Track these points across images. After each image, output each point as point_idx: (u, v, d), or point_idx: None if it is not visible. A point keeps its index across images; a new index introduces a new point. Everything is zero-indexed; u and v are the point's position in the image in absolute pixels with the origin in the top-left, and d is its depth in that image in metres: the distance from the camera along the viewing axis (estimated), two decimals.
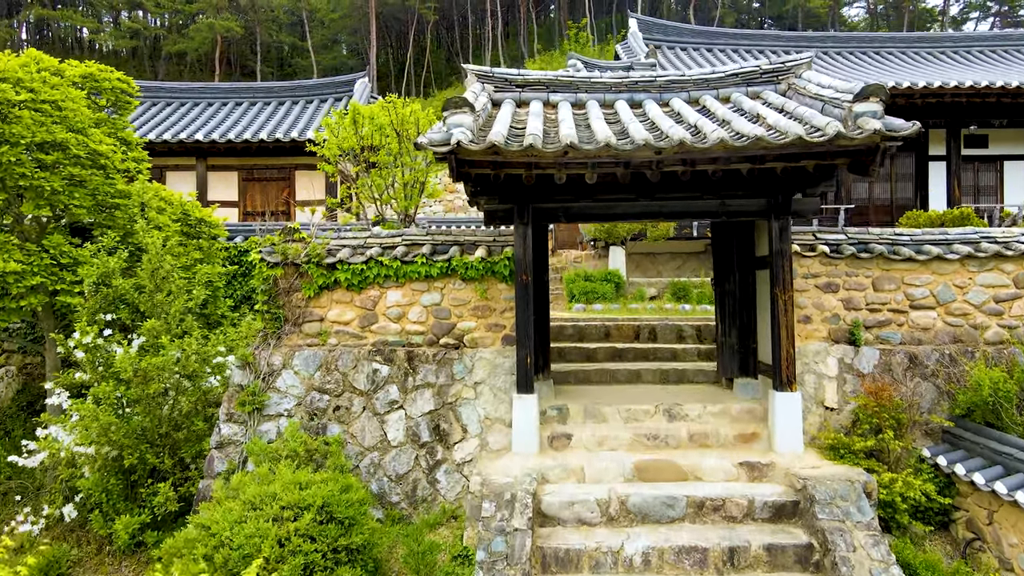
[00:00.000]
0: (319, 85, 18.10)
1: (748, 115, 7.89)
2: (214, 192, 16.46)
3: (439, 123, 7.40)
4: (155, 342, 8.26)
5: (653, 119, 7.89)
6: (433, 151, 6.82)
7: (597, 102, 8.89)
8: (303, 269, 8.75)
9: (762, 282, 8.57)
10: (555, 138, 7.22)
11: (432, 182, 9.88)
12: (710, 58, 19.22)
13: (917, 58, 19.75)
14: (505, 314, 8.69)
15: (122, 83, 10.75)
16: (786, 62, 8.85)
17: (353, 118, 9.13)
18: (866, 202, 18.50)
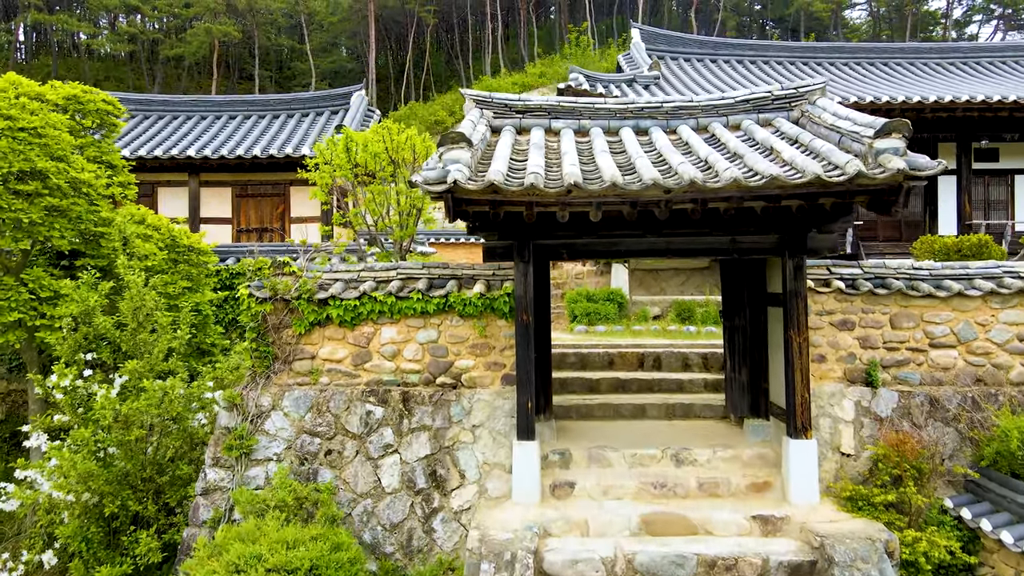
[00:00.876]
0: (315, 98, 17.70)
1: (760, 147, 7.50)
2: (207, 208, 16.07)
3: (434, 157, 7.01)
4: (137, 384, 7.87)
5: (660, 150, 7.50)
6: (428, 190, 6.43)
7: (601, 129, 8.50)
8: (293, 305, 8.36)
9: (774, 320, 8.17)
10: (558, 174, 6.83)
11: (429, 208, 9.49)
12: (714, 69, 18.82)
13: (926, 69, 19.34)
14: (505, 352, 8.30)
15: (107, 104, 10.36)
16: (799, 87, 8.46)
17: (346, 145, 8.74)
18: (874, 218, 18.09)
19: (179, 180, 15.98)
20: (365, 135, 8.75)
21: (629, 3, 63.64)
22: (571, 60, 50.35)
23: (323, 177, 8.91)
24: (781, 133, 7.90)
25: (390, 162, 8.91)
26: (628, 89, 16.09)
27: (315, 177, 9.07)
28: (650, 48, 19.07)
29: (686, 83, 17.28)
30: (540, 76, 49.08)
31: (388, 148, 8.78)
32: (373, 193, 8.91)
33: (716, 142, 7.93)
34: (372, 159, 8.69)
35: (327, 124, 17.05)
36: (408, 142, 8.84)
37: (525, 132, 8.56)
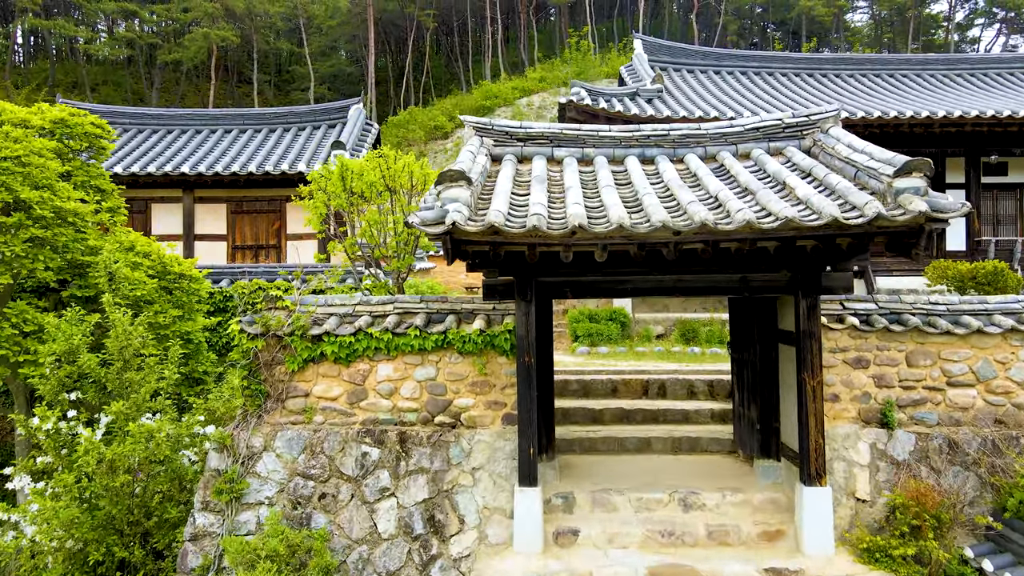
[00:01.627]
0: (312, 112, 17.39)
1: (772, 180, 7.19)
2: (202, 225, 15.77)
3: (431, 193, 6.71)
4: (123, 425, 7.56)
5: (668, 184, 7.20)
6: (426, 232, 6.13)
7: (606, 158, 8.20)
8: (286, 341, 8.04)
9: (786, 358, 7.87)
10: (561, 212, 6.53)
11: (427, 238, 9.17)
12: (718, 81, 18.51)
13: (932, 81, 19.04)
14: (506, 390, 7.99)
15: (96, 127, 10.04)
16: (811, 115, 8.15)
17: (341, 173, 8.43)
18: None
19: (173, 196, 15.67)
20: (360, 163, 8.44)
21: (630, 6, 63.33)
22: (572, 65, 50.07)
23: (317, 206, 8.60)
24: (793, 165, 7.60)
25: (386, 189, 8.61)
26: (631, 103, 15.78)
27: (309, 206, 8.77)
28: (652, 59, 18.76)
29: (689, 96, 16.98)
30: (540, 81, 48.76)
31: (385, 176, 8.48)
32: (369, 223, 8.60)
33: (725, 174, 7.63)
34: (368, 188, 8.38)
35: (324, 138, 16.75)
36: (405, 169, 8.53)
37: (527, 161, 8.26)
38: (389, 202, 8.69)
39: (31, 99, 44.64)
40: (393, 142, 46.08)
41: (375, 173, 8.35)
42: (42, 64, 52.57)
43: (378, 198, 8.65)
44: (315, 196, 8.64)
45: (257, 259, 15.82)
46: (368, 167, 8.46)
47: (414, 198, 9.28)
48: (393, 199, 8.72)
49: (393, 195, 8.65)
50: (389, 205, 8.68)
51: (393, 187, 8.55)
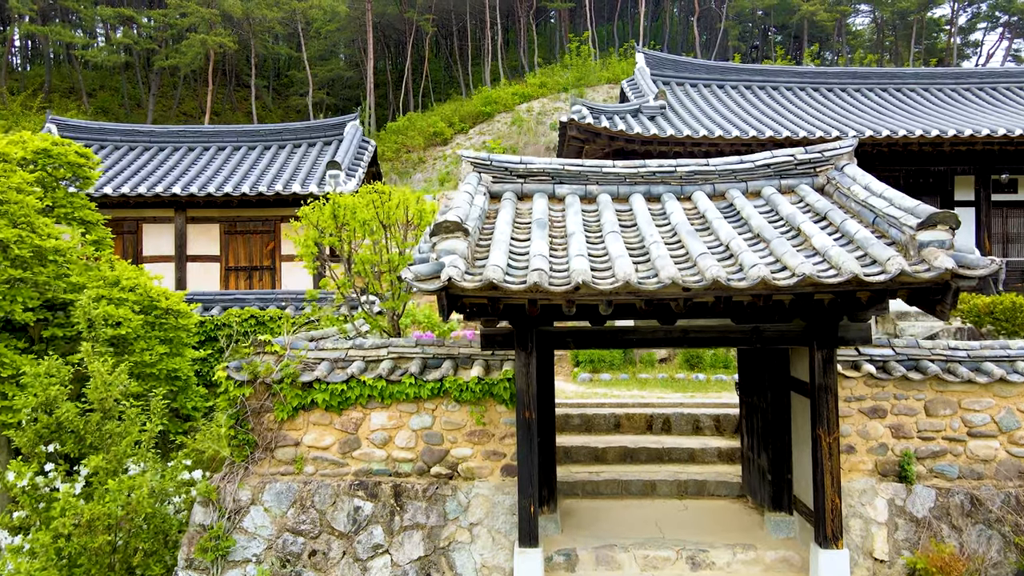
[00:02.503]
0: (307, 128, 17.02)
1: (786, 225, 6.83)
2: (194, 246, 15.40)
3: (426, 242, 6.35)
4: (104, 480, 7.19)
5: (676, 228, 6.83)
6: (420, 287, 5.76)
7: (610, 196, 7.84)
8: (275, 389, 7.68)
9: (799, 409, 7.50)
10: (564, 262, 6.17)
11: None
12: (722, 96, 18.15)
13: (940, 96, 18.67)
14: (505, 440, 7.62)
15: (80, 157, 9.68)
16: (824, 151, 7.79)
17: (333, 212, 8.07)
18: None
19: (165, 216, 15.31)
20: (353, 199, 8.08)
21: (630, 10, 62.93)
22: (572, 70, 49.70)
23: (308, 246, 8.24)
24: (807, 206, 7.24)
25: (380, 226, 8.24)
26: (633, 121, 15.42)
27: (299, 242, 8.40)
28: (655, 74, 18.40)
29: (693, 112, 16.61)
30: (541, 86, 48.39)
31: (379, 212, 8.11)
32: (362, 261, 8.23)
33: (735, 215, 7.27)
34: (361, 226, 8.03)
35: (320, 156, 16.39)
36: (400, 206, 8.17)
37: (527, 199, 7.89)
38: (384, 238, 8.31)
39: (27, 105, 44.26)
40: (392, 148, 45.72)
41: (368, 210, 7.99)
42: (38, 69, 52.24)
43: (372, 234, 8.29)
44: (306, 232, 8.28)
45: (251, 280, 15.46)
46: (361, 203, 8.10)
47: (410, 232, 8.92)
48: (388, 235, 8.35)
49: (388, 231, 8.28)
50: (384, 242, 8.31)
51: (387, 224, 8.18)
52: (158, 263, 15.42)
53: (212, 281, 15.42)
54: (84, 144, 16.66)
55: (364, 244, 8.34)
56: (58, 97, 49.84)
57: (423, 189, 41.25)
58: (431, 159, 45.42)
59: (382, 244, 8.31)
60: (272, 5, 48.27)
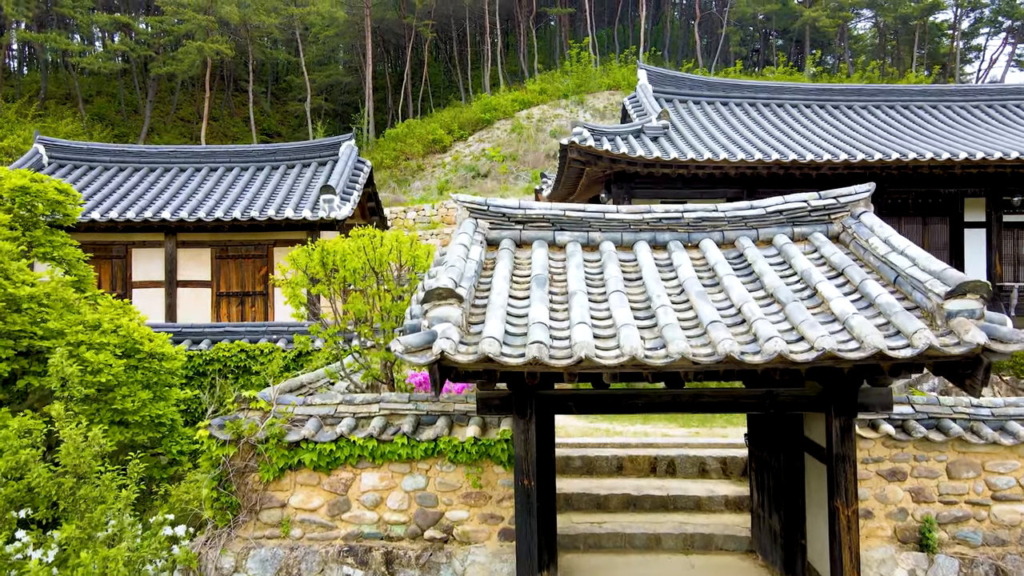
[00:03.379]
0: (302, 149, 16.62)
1: (801, 282, 6.42)
2: (185, 270, 15.00)
3: (417, 306, 5.96)
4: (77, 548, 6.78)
5: (684, 285, 6.43)
6: (410, 361, 5.36)
7: (613, 243, 7.43)
8: (260, 449, 7.28)
9: (814, 473, 7.09)
10: (565, 331, 5.76)
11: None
12: (725, 114, 17.74)
13: (949, 114, 18.26)
14: (503, 503, 7.23)
15: (60, 193, 9.28)
16: (839, 197, 7.39)
17: (321, 259, 7.67)
18: None
19: (155, 241, 14.91)
20: (344, 245, 7.68)
21: (631, 14, 62.56)
22: (572, 77, 49.30)
23: (296, 295, 7.84)
24: (822, 259, 6.83)
25: (372, 272, 7.85)
26: (636, 142, 15.02)
27: (286, 289, 8.00)
28: (657, 91, 18.00)
29: (697, 132, 16.21)
30: (540, 93, 48.01)
31: (370, 259, 7.71)
32: (353, 312, 7.84)
33: (746, 268, 6.87)
34: (351, 275, 7.63)
35: (314, 177, 15.99)
36: (392, 252, 7.77)
37: (526, 246, 7.49)
38: (376, 283, 7.91)
39: (22, 113, 43.87)
40: (391, 156, 45.33)
41: (359, 257, 7.59)
42: (35, 75, 51.85)
43: (363, 281, 7.89)
44: (294, 278, 7.88)
45: (243, 306, 15.06)
46: (352, 248, 7.69)
47: (404, 274, 8.52)
48: (380, 281, 7.95)
49: (380, 277, 7.88)
50: (376, 288, 7.91)
51: (379, 271, 7.79)
52: (148, 288, 15.03)
53: (203, 307, 15.02)
54: (73, 165, 16.36)
55: (355, 295, 7.94)
56: (54, 104, 49.46)
57: (421, 198, 40.89)
58: (430, 166, 45.02)
59: (374, 291, 7.91)
60: (270, 11, 47.89)
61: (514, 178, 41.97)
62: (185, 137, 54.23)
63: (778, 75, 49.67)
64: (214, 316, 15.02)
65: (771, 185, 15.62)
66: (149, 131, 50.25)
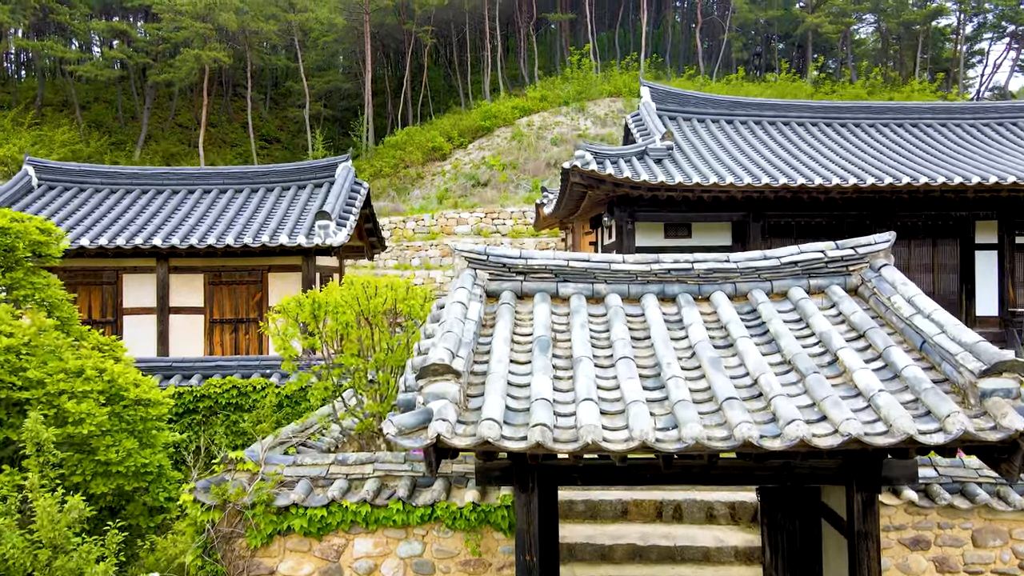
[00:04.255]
0: (297, 171, 16.25)
1: (820, 344, 6.05)
2: (177, 297, 14.63)
3: (411, 377, 5.58)
4: None
5: (696, 350, 6.05)
6: (403, 444, 4.98)
7: (619, 296, 7.06)
8: (247, 514, 6.90)
9: (832, 543, 6.72)
10: (570, 406, 5.38)
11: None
12: (731, 133, 17.38)
13: (959, 132, 17.89)
14: (503, 571, 6.86)
15: (43, 233, 8.92)
16: (857, 247, 7.01)
17: (312, 311, 7.31)
18: None
19: (147, 266, 14.55)
20: (336, 297, 7.31)
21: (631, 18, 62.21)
22: (573, 84, 48.95)
23: (287, 347, 7.47)
24: (841, 317, 6.46)
25: (365, 323, 7.48)
26: (639, 165, 14.65)
27: (276, 339, 7.64)
28: (660, 108, 17.62)
29: (702, 153, 15.84)
30: (541, 100, 47.65)
31: (364, 310, 7.34)
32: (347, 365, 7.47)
33: (759, 326, 6.50)
34: (344, 328, 7.27)
35: (310, 199, 15.63)
36: (385, 304, 7.40)
37: (528, 298, 7.11)
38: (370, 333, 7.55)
39: (18, 121, 43.51)
40: (390, 164, 44.98)
41: (350, 311, 7.22)
42: (31, 81, 51.49)
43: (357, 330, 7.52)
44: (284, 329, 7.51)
45: (237, 334, 14.69)
46: (344, 300, 7.32)
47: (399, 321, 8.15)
48: (374, 331, 7.58)
49: (373, 328, 7.51)
50: (370, 338, 7.53)
51: (373, 322, 7.42)
52: (139, 315, 14.67)
53: (196, 334, 14.65)
54: (63, 187, 16.00)
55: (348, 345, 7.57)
56: (51, 111, 49.12)
57: (421, 207, 40.51)
58: (430, 175, 44.65)
59: (368, 341, 7.54)
60: (268, 18, 47.55)
61: (514, 187, 41.60)
62: (183, 143, 53.91)
63: (780, 81, 49.36)
64: (207, 344, 14.66)
65: (778, 208, 15.27)
66: (147, 138, 49.93)
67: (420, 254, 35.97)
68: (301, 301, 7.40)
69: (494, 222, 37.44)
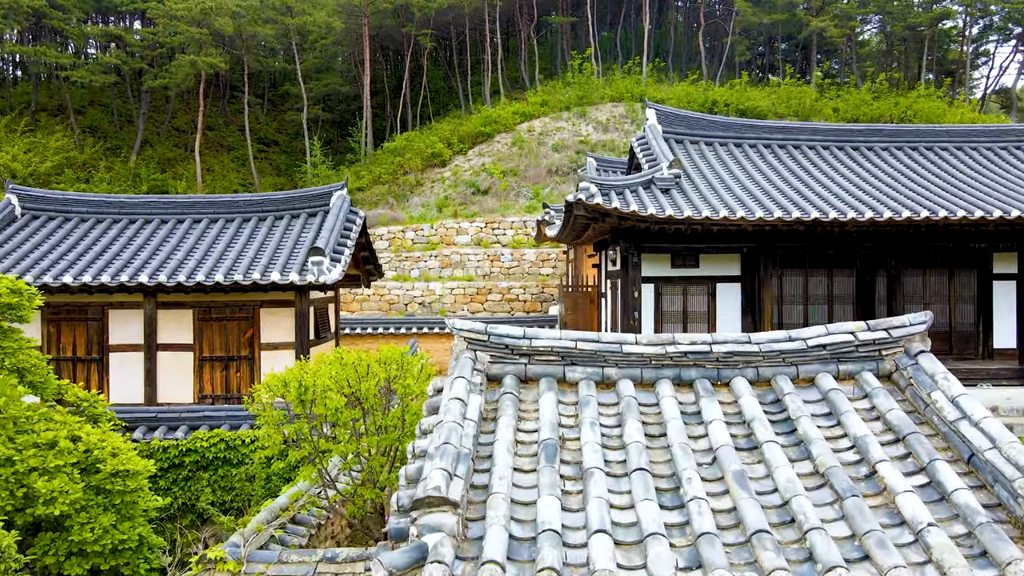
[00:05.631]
0: (290, 199, 15.66)
1: (856, 452, 5.49)
2: (165, 333, 14.07)
3: (404, 494, 5.03)
4: None
5: (718, 456, 5.48)
6: None
7: (632, 382, 6.49)
8: None
9: None
10: (580, 535, 4.82)
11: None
12: (739, 157, 16.79)
13: (977, 157, 17.29)
14: None
15: (14, 295, 8.36)
16: (890, 329, 6.44)
17: (299, 395, 6.75)
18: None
19: (133, 302, 13.97)
20: (325, 379, 6.76)
21: (633, 19, 61.54)
22: (574, 88, 48.33)
23: (273, 437, 6.91)
24: (877, 413, 5.89)
25: (356, 404, 6.93)
26: (646, 196, 14.07)
27: (260, 416, 7.08)
28: (667, 131, 17.03)
29: (710, 181, 15.26)
30: (542, 105, 47.03)
31: (355, 390, 6.79)
32: (336, 452, 6.92)
33: (787, 424, 5.93)
34: (332, 414, 6.72)
35: (304, 229, 15.06)
36: (378, 384, 6.85)
37: (532, 382, 6.55)
38: (361, 415, 6.99)
39: (11, 128, 42.90)
40: (389, 170, 44.40)
41: (339, 394, 6.67)
42: (26, 86, 50.82)
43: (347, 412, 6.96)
44: (269, 416, 6.96)
45: (228, 371, 14.13)
46: (333, 381, 6.76)
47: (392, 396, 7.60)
48: (366, 414, 7.03)
49: (365, 415, 6.96)
50: (361, 421, 6.98)
51: (366, 406, 6.87)
52: (126, 352, 14.11)
53: (185, 372, 14.09)
54: (48, 216, 15.42)
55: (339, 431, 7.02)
56: (45, 116, 48.48)
57: (420, 215, 39.96)
58: (429, 181, 44.08)
59: (359, 424, 6.99)
60: (265, 22, 46.94)
61: (515, 194, 41.03)
62: (179, 148, 53.29)
63: (785, 85, 48.72)
64: (196, 382, 14.11)
65: (789, 240, 14.72)
66: (143, 143, 49.34)
67: (419, 265, 35.42)
68: (287, 381, 6.84)
69: (494, 232, 36.88)
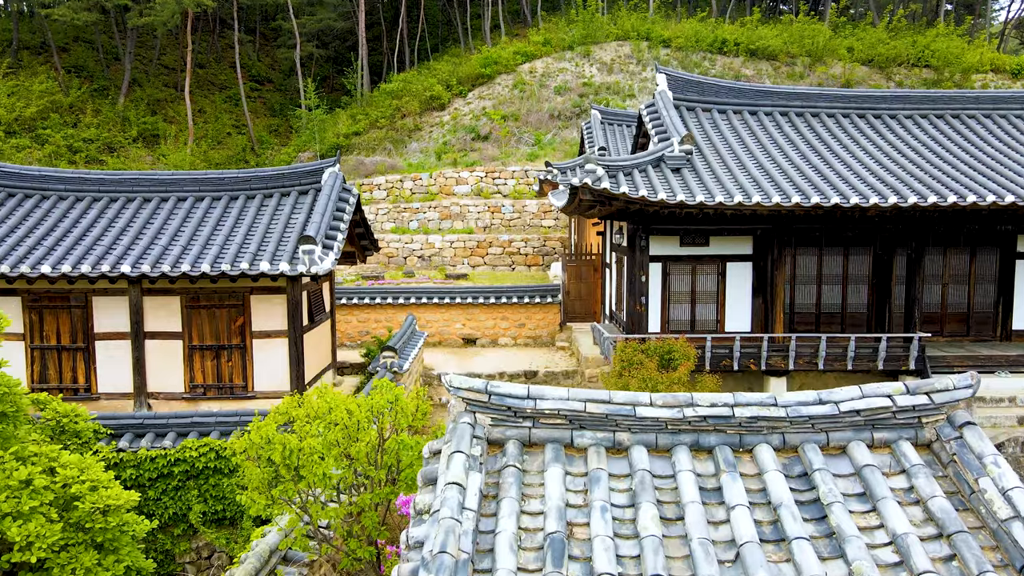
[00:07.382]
0: (279, 176, 14.77)
1: (895, 551, 4.98)
2: (152, 321, 13.49)
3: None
4: None
5: (740, 547, 4.98)
6: None
7: (645, 448, 5.95)
8: None
9: None
10: None
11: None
12: (754, 128, 15.83)
13: (1006, 127, 16.32)
14: None
15: None
16: (931, 393, 5.84)
17: (283, 459, 6.19)
18: (938, 308, 15.52)
19: (118, 288, 13.34)
20: (311, 440, 6.18)
21: None
22: (578, 26, 46.30)
23: (256, 500, 6.38)
24: (917, 498, 5.36)
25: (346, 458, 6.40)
26: (655, 178, 13.26)
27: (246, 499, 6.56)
28: (678, 98, 16.02)
29: (724, 158, 14.39)
30: (544, 44, 45.17)
31: (345, 451, 6.25)
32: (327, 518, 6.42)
33: (816, 507, 5.41)
34: (320, 480, 6.18)
35: (295, 209, 14.28)
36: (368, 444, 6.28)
37: (537, 448, 6.01)
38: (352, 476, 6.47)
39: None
40: (386, 114, 42.95)
41: (328, 458, 6.12)
42: (5, 23, 48.78)
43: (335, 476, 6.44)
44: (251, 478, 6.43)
45: (219, 360, 13.60)
46: (321, 444, 6.20)
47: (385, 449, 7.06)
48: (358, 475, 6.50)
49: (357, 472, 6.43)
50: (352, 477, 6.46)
51: (359, 469, 6.33)
52: (112, 340, 13.57)
53: (175, 361, 13.58)
54: (24, 195, 14.62)
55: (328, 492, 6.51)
56: (28, 55, 46.66)
57: (419, 163, 38.83)
58: (428, 126, 42.68)
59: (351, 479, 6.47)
60: None
61: (516, 140, 39.77)
62: (169, 87, 51.59)
63: (798, 23, 46.59)
64: (187, 371, 13.61)
65: (806, 222, 13.99)
66: (131, 83, 47.67)
67: (418, 216, 34.56)
68: (272, 440, 6.27)
69: (495, 182, 35.87)
